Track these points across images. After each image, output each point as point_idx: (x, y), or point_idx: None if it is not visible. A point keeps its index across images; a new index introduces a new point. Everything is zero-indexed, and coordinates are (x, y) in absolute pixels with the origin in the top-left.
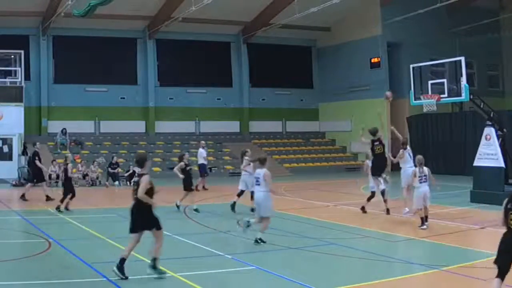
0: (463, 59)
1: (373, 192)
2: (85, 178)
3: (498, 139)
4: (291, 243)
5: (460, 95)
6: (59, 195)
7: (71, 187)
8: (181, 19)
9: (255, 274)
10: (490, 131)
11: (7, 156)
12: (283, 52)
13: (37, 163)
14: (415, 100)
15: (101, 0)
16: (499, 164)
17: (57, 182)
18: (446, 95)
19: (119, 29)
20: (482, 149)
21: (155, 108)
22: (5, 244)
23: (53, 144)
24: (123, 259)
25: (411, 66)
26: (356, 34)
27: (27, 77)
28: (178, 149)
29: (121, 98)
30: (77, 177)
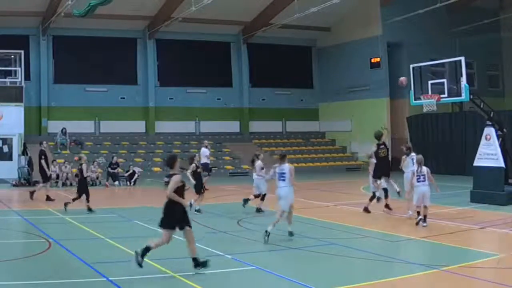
0: (463, 59)
1: (374, 193)
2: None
3: (498, 139)
4: (291, 243)
5: (460, 95)
6: (59, 195)
7: (86, 187)
8: (181, 19)
9: (255, 274)
10: (490, 131)
11: (7, 156)
12: (283, 52)
13: (42, 162)
14: (415, 100)
15: (101, 0)
16: (499, 164)
17: (57, 182)
18: (446, 95)
19: (119, 29)
20: (482, 149)
21: (155, 108)
22: (5, 244)
23: (53, 144)
24: (148, 248)
25: (411, 66)
26: (356, 34)
27: (27, 77)
28: (178, 149)
29: (121, 98)
30: (91, 177)
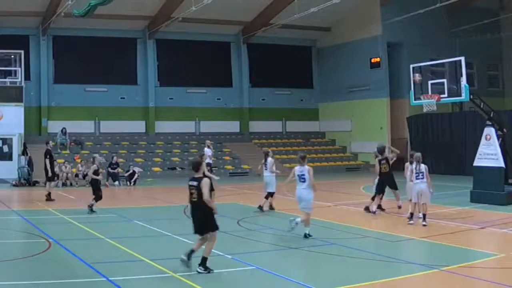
0: (463, 59)
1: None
2: (85, 178)
3: (498, 139)
4: (291, 243)
5: (460, 95)
6: (59, 195)
7: (99, 188)
8: (181, 19)
9: (255, 274)
10: (490, 131)
11: (7, 156)
12: (283, 52)
13: (46, 161)
14: (415, 100)
15: (101, 0)
16: (499, 164)
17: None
18: (446, 95)
19: (119, 29)
20: (482, 149)
21: (155, 108)
22: (5, 244)
23: (53, 144)
24: (192, 251)
25: (411, 66)
26: (356, 34)
27: (27, 77)
28: (178, 149)
29: (121, 98)
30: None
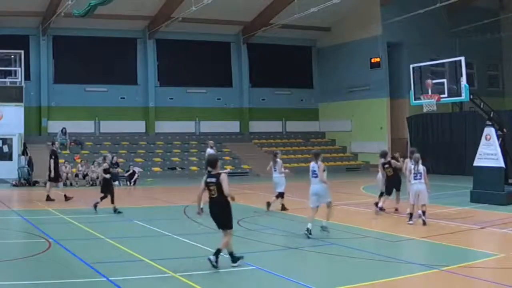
0: (463, 59)
1: (382, 192)
2: (85, 178)
3: (498, 139)
4: (291, 243)
5: (460, 95)
6: (59, 195)
7: (107, 187)
8: (181, 19)
9: (255, 274)
10: (490, 131)
11: (7, 156)
12: (283, 52)
13: (51, 162)
14: (415, 100)
15: (101, 0)
16: (499, 164)
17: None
18: (446, 95)
19: (119, 29)
20: (482, 149)
21: (155, 108)
22: (5, 244)
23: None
24: (219, 250)
25: (411, 66)
26: (356, 34)
27: (27, 77)
28: (178, 149)
29: (121, 98)
30: (91, 177)
